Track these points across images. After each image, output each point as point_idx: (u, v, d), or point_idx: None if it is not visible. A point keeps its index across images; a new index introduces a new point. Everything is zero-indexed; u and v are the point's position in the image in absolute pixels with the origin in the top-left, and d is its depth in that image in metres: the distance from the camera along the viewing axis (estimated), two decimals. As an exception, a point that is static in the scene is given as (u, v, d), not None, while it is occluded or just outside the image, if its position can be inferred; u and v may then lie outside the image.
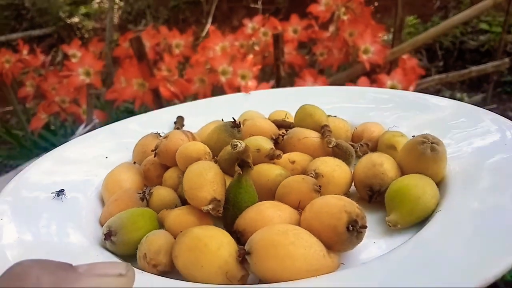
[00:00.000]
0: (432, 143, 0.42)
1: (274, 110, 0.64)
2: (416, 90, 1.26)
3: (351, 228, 0.34)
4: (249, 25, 1.49)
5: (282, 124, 0.57)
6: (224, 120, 0.60)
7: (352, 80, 1.33)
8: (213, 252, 0.33)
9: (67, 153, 0.55)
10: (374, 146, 0.53)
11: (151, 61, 1.32)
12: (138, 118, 0.67)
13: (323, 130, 0.49)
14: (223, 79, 1.20)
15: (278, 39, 1.20)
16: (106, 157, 0.56)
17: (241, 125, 0.50)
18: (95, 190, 0.50)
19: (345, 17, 1.34)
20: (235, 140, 0.38)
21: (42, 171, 0.51)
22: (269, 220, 0.36)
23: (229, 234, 0.35)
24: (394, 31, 1.40)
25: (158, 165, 0.50)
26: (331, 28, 1.39)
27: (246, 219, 0.37)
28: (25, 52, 1.53)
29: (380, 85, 1.18)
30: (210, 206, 0.37)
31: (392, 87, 1.17)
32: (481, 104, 1.96)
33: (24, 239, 0.38)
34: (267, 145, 0.46)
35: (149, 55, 1.39)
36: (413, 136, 0.44)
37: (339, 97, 0.68)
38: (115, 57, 1.58)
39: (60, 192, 0.45)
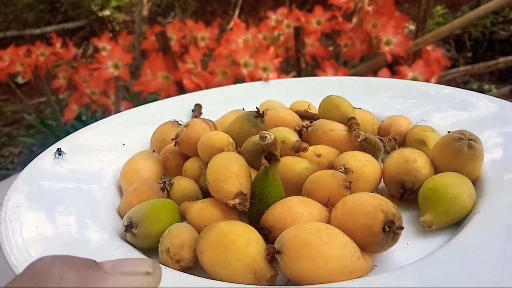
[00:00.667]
0: (469, 140, 0.40)
1: (293, 100, 0.62)
2: (441, 82, 1.23)
3: (387, 229, 0.32)
4: (273, 17, 1.47)
5: (304, 115, 0.55)
6: (245, 109, 0.59)
7: (374, 72, 1.31)
8: (241, 249, 0.31)
9: (82, 140, 0.54)
10: (402, 141, 0.51)
11: (177, 54, 1.32)
12: (154, 105, 0.65)
13: (350, 122, 0.47)
14: (244, 71, 1.19)
15: (299, 32, 1.18)
16: (123, 144, 0.54)
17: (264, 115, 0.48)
18: (112, 178, 0.48)
19: (369, 8, 1.31)
20: (264, 132, 0.36)
21: (57, 156, 0.49)
22: (299, 217, 0.34)
23: (256, 231, 0.33)
24: (417, 22, 1.35)
25: (178, 154, 0.48)
26: (354, 19, 1.36)
27: (274, 215, 0.35)
28: (58, 45, 1.54)
29: (402, 77, 1.15)
30: (237, 201, 0.35)
31: (414, 79, 1.14)
32: (509, 96, 1.90)
33: (42, 230, 0.36)
34: (293, 137, 0.44)
35: (175, 48, 1.41)
36: (448, 132, 0.42)
37: (360, 88, 0.65)
38: (143, 49, 1.59)
39: (60, 151, 0.44)
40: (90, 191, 0.44)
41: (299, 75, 1.22)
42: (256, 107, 0.48)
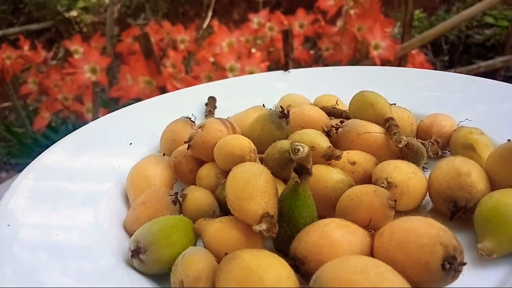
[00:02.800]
0: (536, 150, 0.33)
1: (316, 92, 0.56)
2: None
3: (447, 265, 0.26)
4: (255, 19, 1.41)
5: (332, 112, 0.49)
6: (265, 105, 0.53)
7: None
8: (270, 289, 0.26)
9: (86, 139, 0.48)
10: (445, 144, 0.45)
11: (157, 58, 1.26)
12: (163, 98, 0.60)
13: (388, 124, 0.41)
14: (230, 75, 1.14)
15: (287, 35, 1.12)
16: (130, 144, 0.49)
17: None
18: (118, 184, 0.43)
19: (352, 11, 1.26)
20: (297, 143, 0.30)
21: (58, 160, 0.44)
22: (338, 246, 0.29)
23: (287, 264, 0.28)
24: (404, 25, 1.33)
25: (191, 158, 0.43)
26: (339, 22, 1.31)
27: (308, 243, 0.29)
28: (26, 48, 1.46)
29: None
30: (264, 226, 0.29)
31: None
32: None
33: (35, 258, 0.31)
34: (324, 142, 0.38)
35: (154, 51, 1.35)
36: (509, 140, 0.36)
37: (392, 79, 0.59)
38: (116, 52, 1.51)
39: None
40: (93, 201, 0.39)
41: None
42: (281, 106, 0.42)
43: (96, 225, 0.36)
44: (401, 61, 1.30)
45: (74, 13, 2.84)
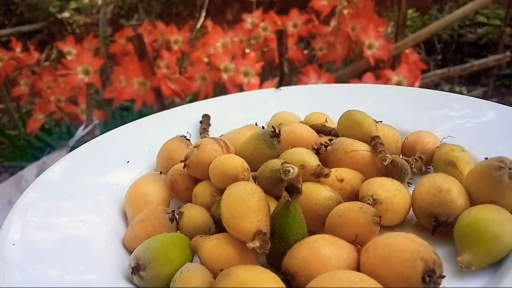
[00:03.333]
0: (510, 169, 0.36)
1: (306, 109, 0.58)
2: (419, 86, 1.22)
3: (427, 279, 0.28)
4: (249, 20, 1.42)
5: (322, 130, 0.51)
6: (257, 123, 0.55)
7: (355, 77, 1.29)
8: (263, 303, 0.28)
9: (84, 158, 0.50)
10: (428, 160, 0.47)
11: (151, 58, 1.27)
12: (158, 116, 0.61)
13: (374, 142, 0.43)
14: (225, 76, 1.15)
15: (282, 35, 1.14)
16: (127, 162, 0.51)
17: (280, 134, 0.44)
18: (117, 201, 0.44)
19: (346, 11, 1.28)
20: (287, 164, 0.32)
21: (58, 179, 0.46)
22: (326, 261, 0.31)
23: (279, 279, 0.30)
24: (397, 25, 1.34)
25: (187, 177, 0.44)
26: (333, 22, 1.33)
27: (298, 259, 0.31)
28: (18, 49, 1.46)
29: (386, 81, 1.14)
30: (257, 244, 0.31)
31: (398, 83, 1.14)
32: (482, 98, 1.89)
33: (36, 276, 0.33)
34: (313, 161, 0.41)
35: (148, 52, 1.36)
36: (486, 158, 0.38)
37: (380, 96, 0.62)
38: (110, 53, 1.52)
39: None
40: (92, 219, 0.41)
41: (281, 79, 1.19)
42: (272, 126, 0.44)
43: (96, 243, 0.38)
44: (394, 60, 1.33)
45: (66, 14, 2.83)
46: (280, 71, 1.21)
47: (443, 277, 0.29)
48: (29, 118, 1.36)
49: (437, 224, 0.37)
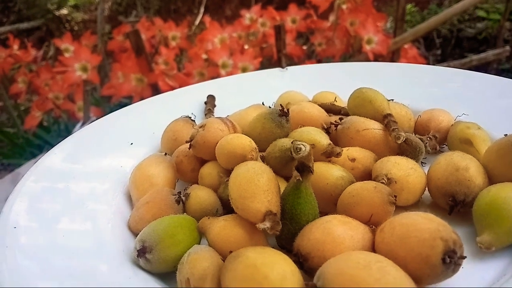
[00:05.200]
0: (532, 145, 0.34)
1: (314, 88, 0.56)
2: None
3: (447, 259, 0.27)
4: (247, 15, 1.40)
5: (331, 109, 0.50)
6: (264, 103, 0.53)
7: None
8: (275, 286, 0.26)
9: (87, 140, 0.49)
10: (442, 139, 0.45)
11: (149, 55, 1.25)
12: (162, 98, 0.60)
13: (387, 120, 0.42)
14: (223, 72, 1.13)
15: (280, 31, 1.12)
16: (131, 144, 0.49)
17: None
18: (121, 184, 0.43)
19: (344, 6, 1.26)
20: (298, 142, 0.31)
21: (60, 162, 0.44)
22: (340, 242, 0.29)
23: (291, 261, 0.28)
24: (396, 20, 1.32)
25: (193, 157, 0.43)
26: (332, 17, 1.31)
27: (311, 239, 0.30)
28: (15, 47, 1.44)
29: None
30: (267, 224, 0.30)
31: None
32: None
33: (42, 257, 0.32)
34: (324, 139, 0.39)
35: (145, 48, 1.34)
36: (505, 135, 0.36)
37: (389, 75, 0.59)
38: (108, 50, 1.50)
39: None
40: (96, 202, 0.40)
41: None
42: (280, 105, 0.42)
43: (101, 226, 0.37)
44: (393, 55, 1.31)
45: (64, 11, 2.81)
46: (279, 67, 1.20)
47: (464, 257, 0.28)
48: (27, 115, 1.35)
49: (454, 204, 0.35)
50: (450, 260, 0.27)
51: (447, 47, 2.24)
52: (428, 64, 2.01)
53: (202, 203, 0.37)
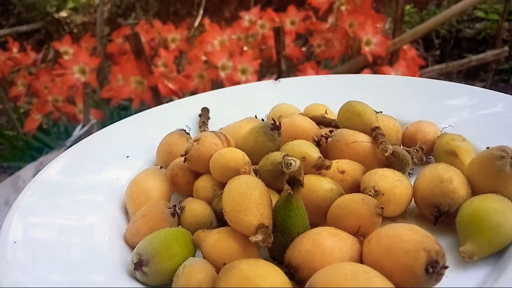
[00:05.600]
0: (511, 158, 0.36)
1: (306, 100, 0.57)
2: None
3: (430, 269, 0.28)
4: (246, 17, 1.41)
5: (322, 121, 0.51)
6: (257, 116, 0.55)
7: (353, 73, 1.28)
8: (267, 297, 0.28)
9: (83, 154, 0.50)
10: (429, 150, 0.47)
11: (148, 57, 1.26)
12: (157, 111, 0.61)
13: (375, 133, 0.43)
14: (222, 74, 1.15)
15: (279, 32, 1.14)
16: (127, 157, 0.51)
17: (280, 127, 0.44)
18: (117, 197, 0.44)
19: (343, 8, 1.27)
20: (289, 157, 0.32)
21: (58, 175, 0.45)
22: (329, 253, 0.31)
23: (282, 272, 0.30)
24: (395, 21, 1.34)
25: (187, 171, 0.44)
26: (331, 19, 1.32)
27: (301, 251, 0.31)
28: (15, 50, 1.45)
29: None
30: (259, 237, 0.31)
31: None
32: None
33: (40, 271, 0.33)
34: (314, 153, 0.40)
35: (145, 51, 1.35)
36: (487, 148, 0.38)
37: (379, 87, 0.61)
38: (107, 53, 1.51)
39: None
40: (93, 215, 0.41)
41: (279, 77, 1.19)
42: (273, 119, 0.44)
43: (98, 239, 0.38)
44: (392, 56, 1.32)
45: (64, 13, 2.82)
46: (277, 69, 1.21)
47: (446, 267, 0.29)
48: (27, 118, 1.36)
49: (439, 215, 0.37)
50: (433, 270, 0.28)
51: (446, 47, 2.26)
52: (427, 64, 2.03)
53: (197, 216, 0.38)
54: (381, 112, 0.50)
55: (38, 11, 2.71)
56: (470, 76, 2.11)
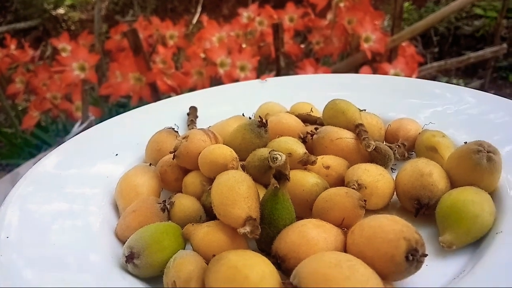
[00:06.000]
0: (488, 152, 0.37)
1: (292, 99, 0.59)
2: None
3: (410, 257, 0.30)
4: (244, 14, 1.42)
5: (307, 119, 0.53)
6: (244, 114, 0.56)
7: (352, 70, 1.30)
8: (255, 285, 0.29)
9: (74, 151, 0.50)
10: (410, 146, 0.49)
11: (146, 54, 1.26)
12: (145, 109, 0.62)
13: (358, 130, 0.45)
14: (221, 71, 1.15)
15: (278, 29, 1.15)
16: (116, 155, 0.51)
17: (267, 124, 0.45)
18: (108, 194, 0.45)
19: (342, 4, 1.29)
20: (275, 152, 0.33)
21: (49, 172, 0.46)
22: (314, 244, 0.32)
23: (269, 262, 0.31)
24: (394, 18, 1.35)
25: (176, 167, 0.45)
26: (329, 16, 1.34)
27: (288, 242, 0.33)
28: (12, 46, 1.44)
29: (382, 74, 1.15)
30: (247, 229, 0.32)
31: (395, 76, 1.15)
32: (479, 90, 1.91)
33: (34, 265, 0.33)
34: (300, 149, 0.42)
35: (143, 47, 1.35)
36: (465, 143, 0.40)
37: (363, 86, 0.63)
38: (105, 50, 1.51)
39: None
40: (84, 211, 0.41)
41: (278, 74, 1.20)
42: (259, 116, 0.45)
43: (90, 234, 0.38)
44: (391, 53, 1.34)
45: (61, 10, 2.79)
46: (276, 65, 1.22)
47: (426, 255, 0.30)
48: (25, 115, 1.35)
49: (419, 207, 0.38)
50: (413, 258, 0.30)
51: (445, 44, 2.28)
52: (426, 61, 2.04)
53: (186, 211, 0.39)
54: (365, 110, 0.52)
55: (35, 8, 2.69)
56: (468, 73, 2.14)
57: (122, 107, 1.49)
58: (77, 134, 0.55)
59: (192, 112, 0.59)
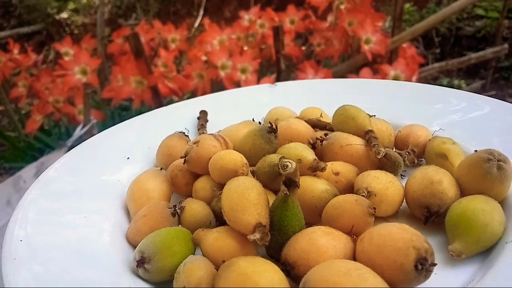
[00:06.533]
0: (498, 160, 0.37)
1: (302, 104, 0.59)
2: (416, 79, 1.24)
3: (419, 266, 0.30)
4: (246, 17, 1.43)
5: (317, 124, 0.53)
6: (254, 119, 0.56)
7: (353, 72, 1.30)
8: (264, 292, 0.29)
9: (85, 155, 0.51)
10: (420, 153, 0.48)
11: (148, 57, 1.27)
12: (156, 113, 0.62)
13: (368, 136, 0.45)
14: (222, 73, 1.16)
15: (278, 32, 1.15)
16: (127, 158, 0.52)
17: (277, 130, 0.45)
18: (118, 197, 0.45)
19: (342, 6, 1.29)
20: (285, 160, 0.34)
21: (60, 177, 0.47)
22: (323, 251, 0.32)
23: (279, 269, 0.31)
24: (394, 19, 1.35)
25: (187, 172, 0.46)
26: (330, 18, 1.34)
27: (297, 249, 0.33)
28: (16, 51, 1.46)
29: (383, 75, 1.15)
30: (257, 236, 0.33)
31: (395, 77, 1.15)
32: (480, 91, 1.90)
33: (45, 268, 0.34)
34: (310, 155, 0.42)
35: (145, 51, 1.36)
36: (475, 151, 0.40)
37: (373, 91, 0.63)
38: (108, 53, 1.52)
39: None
40: (96, 215, 0.42)
41: (278, 76, 1.20)
42: (269, 122, 0.45)
43: (101, 238, 0.39)
44: (392, 54, 1.33)
45: (64, 15, 2.82)
46: (277, 68, 1.22)
47: (435, 264, 0.30)
48: (28, 119, 1.37)
49: (429, 215, 0.38)
50: (422, 267, 0.30)
51: (446, 45, 2.27)
52: (427, 62, 2.03)
53: (197, 216, 0.40)
54: (374, 115, 0.52)
55: (39, 13, 2.72)
56: (470, 74, 2.12)
57: (124, 110, 1.51)
58: (79, 137, 0.55)
59: (202, 116, 0.60)
